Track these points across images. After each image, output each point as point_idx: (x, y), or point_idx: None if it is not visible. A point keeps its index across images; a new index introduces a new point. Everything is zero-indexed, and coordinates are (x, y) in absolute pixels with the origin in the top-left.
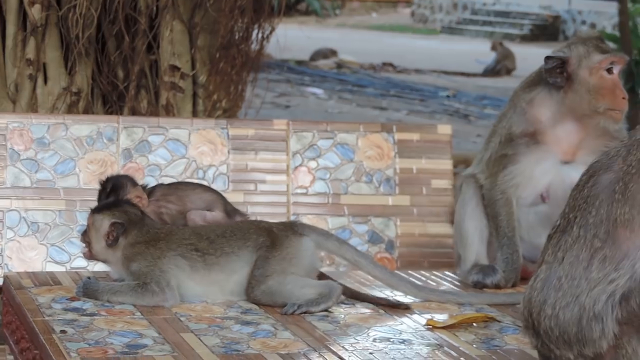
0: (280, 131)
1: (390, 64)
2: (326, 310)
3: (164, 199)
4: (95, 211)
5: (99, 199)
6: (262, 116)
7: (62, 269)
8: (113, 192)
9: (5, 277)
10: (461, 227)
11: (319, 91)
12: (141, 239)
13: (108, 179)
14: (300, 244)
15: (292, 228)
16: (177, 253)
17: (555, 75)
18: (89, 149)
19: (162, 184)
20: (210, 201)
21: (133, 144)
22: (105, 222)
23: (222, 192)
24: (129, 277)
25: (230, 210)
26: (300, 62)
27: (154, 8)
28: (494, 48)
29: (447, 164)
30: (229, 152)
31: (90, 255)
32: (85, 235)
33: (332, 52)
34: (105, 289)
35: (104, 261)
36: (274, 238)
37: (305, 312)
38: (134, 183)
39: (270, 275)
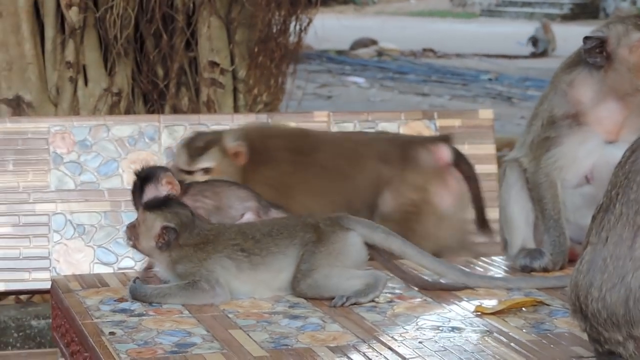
0: (322, 123)
1: (431, 50)
2: (373, 300)
3: (200, 194)
4: (147, 208)
5: (133, 189)
6: (304, 107)
7: (110, 270)
8: (146, 181)
9: (53, 281)
10: (506, 211)
11: (360, 80)
12: (190, 242)
13: (142, 169)
14: (347, 238)
15: (339, 223)
16: (223, 255)
17: (595, 55)
18: (131, 149)
19: (197, 182)
20: (244, 197)
21: (175, 142)
22: (157, 224)
23: None
24: (175, 278)
25: (265, 204)
26: (340, 52)
27: (191, 5)
28: (546, 30)
29: (490, 149)
30: None
31: (135, 248)
32: (133, 230)
33: (372, 42)
34: (154, 293)
35: (149, 256)
36: (320, 234)
37: (354, 304)
38: (166, 170)
39: (316, 269)
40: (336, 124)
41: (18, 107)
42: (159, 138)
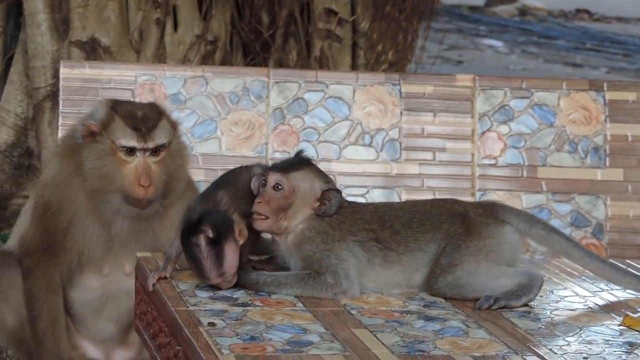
0: (465, 88)
1: (586, 11)
2: (527, 304)
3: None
4: (291, 170)
5: (196, 248)
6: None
7: None
8: (221, 238)
9: (139, 259)
10: None
11: (497, 43)
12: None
13: (206, 220)
14: (502, 234)
15: (493, 213)
16: (357, 239)
17: None
18: (232, 107)
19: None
20: None
21: (286, 102)
22: (316, 185)
23: (392, 162)
24: (297, 260)
25: None
26: (474, 8)
27: None
28: None
29: None
30: (401, 113)
31: (264, 227)
32: (270, 203)
33: None
34: (267, 282)
35: (277, 233)
36: (469, 225)
37: (503, 307)
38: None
39: (459, 265)
40: (482, 91)
41: (93, 51)
42: (267, 96)
